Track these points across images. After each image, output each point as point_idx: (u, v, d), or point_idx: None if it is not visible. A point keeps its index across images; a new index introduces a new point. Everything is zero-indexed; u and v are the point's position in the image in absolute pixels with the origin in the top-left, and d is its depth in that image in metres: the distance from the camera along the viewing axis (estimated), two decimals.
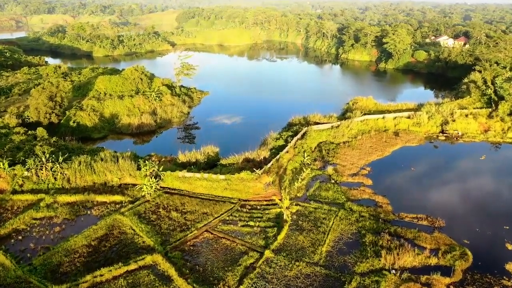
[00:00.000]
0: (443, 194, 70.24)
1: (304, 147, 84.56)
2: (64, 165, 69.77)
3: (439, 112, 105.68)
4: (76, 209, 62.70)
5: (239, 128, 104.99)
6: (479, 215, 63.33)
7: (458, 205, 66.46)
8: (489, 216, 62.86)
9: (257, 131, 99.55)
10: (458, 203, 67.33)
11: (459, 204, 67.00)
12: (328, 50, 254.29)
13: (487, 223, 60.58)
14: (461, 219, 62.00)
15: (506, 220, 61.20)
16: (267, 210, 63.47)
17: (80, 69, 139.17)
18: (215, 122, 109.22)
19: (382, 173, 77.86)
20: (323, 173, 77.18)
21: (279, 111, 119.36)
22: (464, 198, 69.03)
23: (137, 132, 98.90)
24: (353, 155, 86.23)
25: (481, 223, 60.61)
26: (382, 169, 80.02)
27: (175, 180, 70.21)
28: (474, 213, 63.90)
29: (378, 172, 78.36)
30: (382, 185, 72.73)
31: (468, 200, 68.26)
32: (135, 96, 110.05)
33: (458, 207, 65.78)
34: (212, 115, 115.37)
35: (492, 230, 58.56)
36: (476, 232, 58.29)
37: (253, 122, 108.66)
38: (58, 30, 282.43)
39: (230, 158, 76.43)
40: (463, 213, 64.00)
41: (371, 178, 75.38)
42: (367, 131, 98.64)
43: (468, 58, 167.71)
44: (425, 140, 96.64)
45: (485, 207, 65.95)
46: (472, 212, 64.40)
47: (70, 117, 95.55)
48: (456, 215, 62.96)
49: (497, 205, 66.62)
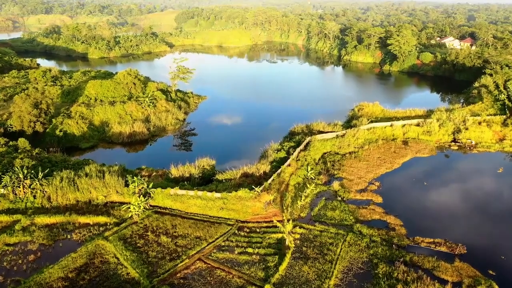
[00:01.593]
0: (461, 214, 63.89)
1: (308, 159, 78.17)
2: (44, 182, 63.50)
3: (451, 120, 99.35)
4: (55, 232, 56.39)
5: (238, 135, 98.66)
6: (503, 239, 56.92)
7: (479, 228, 60.05)
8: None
9: (257, 140, 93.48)
10: (478, 224, 60.92)
11: (480, 226, 60.58)
12: (330, 52, 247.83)
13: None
14: (484, 244, 55.64)
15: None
16: (267, 234, 57.11)
17: (72, 73, 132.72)
18: (213, 129, 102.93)
19: (392, 189, 71.54)
20: (329, 189, 70.80)
21: (280, 117, 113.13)
22: (485, 219, 62.60)
23: (128, 141, 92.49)
24: (360, 167, 79.84)
25: (507, 249, 54.26)
26: (392, 183, 73.67)
27: (167, 198, 63.92)
28: (497, 237, 57.45)
29: (388, 187, 72.04)
30: (393, 203, 66.41)
31: (489, 221, 61.84)
32: (128, 102, 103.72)
33: (480, 230, 59.40)
34: (209, 121, 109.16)
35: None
36: (503, 261, 51.93)
37: (252, 130, 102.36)
38: (54, 31, 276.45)
39: (227, 173, 70.07)
40: (486, 237, 57.61)
41: (381, 194, 69.06)
42: (374, 140, 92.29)
43: (477, 60, 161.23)
44: (436, 150, 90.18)
45: (510, 229, 59.57)
46: (496, 236, 57.94)
47: (57, 125, 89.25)
48: (478, 239, 56.62)
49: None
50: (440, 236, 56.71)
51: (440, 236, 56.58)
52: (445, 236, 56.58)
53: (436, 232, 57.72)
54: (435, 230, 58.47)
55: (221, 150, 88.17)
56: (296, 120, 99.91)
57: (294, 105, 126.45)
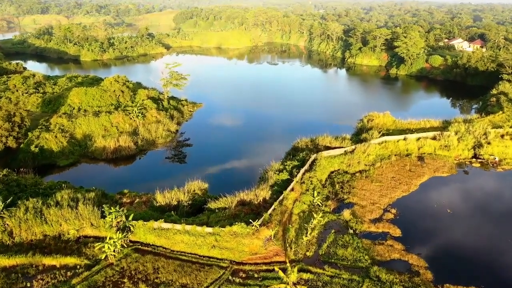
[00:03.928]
0: (495, 251, 54.34)
1: (313, 181, 68.64)
2: (6, 213, 54.11)
3: (470, 132, 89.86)
4: (13, 279, 46.94)
5: (235, 150, 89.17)
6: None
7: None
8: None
9: (256, 155, 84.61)
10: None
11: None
12: (333, 54, 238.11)
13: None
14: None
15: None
16: (267, 280, 47.61)
17: (56, 79, 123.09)
18: (207, 145, 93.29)
19: (411, 218, 62.09)
20: (338, 218, 61.28)
21: (282, 126, 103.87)
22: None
23: (113, 157, 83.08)
24: (373, 190, 70.37)
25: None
26: (411, 211, 64.20)
27: (149, 233, 54.51)
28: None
29: (407, 216, 62.59)
30: (414, 237, 56.97)
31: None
32: (114, 112, 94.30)
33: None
34: (203, 133, 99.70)
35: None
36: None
37: (251, 142, 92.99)
38: (47, 31, 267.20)
39: (221, 200, 60.52)
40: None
41: (399, 225, 59.62)
42: (386, 157, 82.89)
43: (490, 64, 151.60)
44: (456, 168, 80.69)
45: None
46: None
47: (32, 140, 79.87)
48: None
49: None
50: (476, 283, 47.26)
51: (475, 283, 47.14)
52: (481, 283, 47.15)
53: (470, 278, 48.25)
54: (468, 274, 49.06)
55: (216, 169, 79.07)
56: (299, 131, 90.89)
57: (296, 113, 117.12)
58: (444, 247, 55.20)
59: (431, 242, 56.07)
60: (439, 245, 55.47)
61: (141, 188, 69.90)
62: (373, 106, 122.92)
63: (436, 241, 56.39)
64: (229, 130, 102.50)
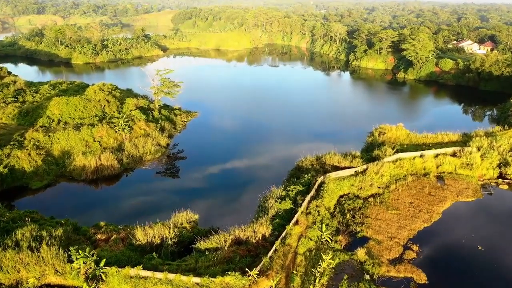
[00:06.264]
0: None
1: (321, 211, 59.22)
2: None
3: (494, 148, 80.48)
4: None
5: (232, 169, 79.89)
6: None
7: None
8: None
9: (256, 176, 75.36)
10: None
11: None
12: (336, 56, 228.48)
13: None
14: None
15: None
16: None
17: (39, 85, 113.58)
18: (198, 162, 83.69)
19: (436, 257, 52.64)
20: (351, 259, 51.86)
21: (284, 140, 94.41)
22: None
23: (94, 178, 73.64)
24: (389, 220, 60.95)
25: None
26: (436, 248, 54.74)
27: (124, 283, 45.07)
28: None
29: (431, 254, 53.19)
30: (442, 285, 47.54)
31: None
32: (98, 125, 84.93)
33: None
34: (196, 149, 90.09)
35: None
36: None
37: (250, 160, 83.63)
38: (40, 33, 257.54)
39: (213, 239, 51.01)
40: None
41: (423, 267, 50.23)
42: (402, 177, 73.52)
43: (505, 68, 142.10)
44: (481, 191, 71.21)
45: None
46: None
47: (1, 159, 70.53)
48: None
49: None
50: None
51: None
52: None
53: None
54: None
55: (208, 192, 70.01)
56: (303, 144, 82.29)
57: (299, 123, 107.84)
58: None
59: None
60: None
61: (121, 216, 60.86)
62: (381, 114, 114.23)
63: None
64: (226, 143, 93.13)
